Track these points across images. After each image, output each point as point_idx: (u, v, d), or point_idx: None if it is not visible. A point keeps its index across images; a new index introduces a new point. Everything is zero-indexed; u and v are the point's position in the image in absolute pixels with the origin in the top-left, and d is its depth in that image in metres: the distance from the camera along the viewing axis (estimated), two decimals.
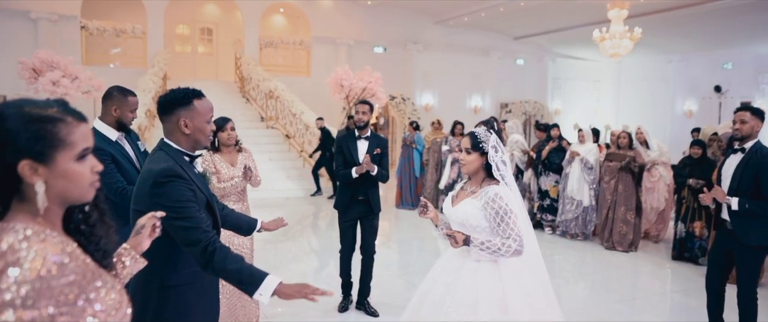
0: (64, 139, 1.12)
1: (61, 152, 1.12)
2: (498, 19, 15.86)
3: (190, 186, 1.94)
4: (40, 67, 8.95)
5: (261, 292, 1.85)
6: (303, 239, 7.96)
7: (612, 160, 7.11)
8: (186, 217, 1.87)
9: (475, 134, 2.65)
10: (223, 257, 1.87)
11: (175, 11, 15.25)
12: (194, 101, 2.02)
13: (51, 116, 1.11)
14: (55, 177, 1.12)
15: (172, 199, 1.88)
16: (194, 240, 1.86)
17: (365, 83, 11.57)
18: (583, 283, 6.00)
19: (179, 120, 2.00)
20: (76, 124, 1.15)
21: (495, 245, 2.49)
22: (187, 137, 2.03)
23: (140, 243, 1.60)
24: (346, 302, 4.69)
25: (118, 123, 3.01)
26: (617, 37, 10.28)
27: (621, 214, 6.97)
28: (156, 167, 1.93)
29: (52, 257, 1.03)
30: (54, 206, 1.16)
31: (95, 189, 1.21)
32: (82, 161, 1.16)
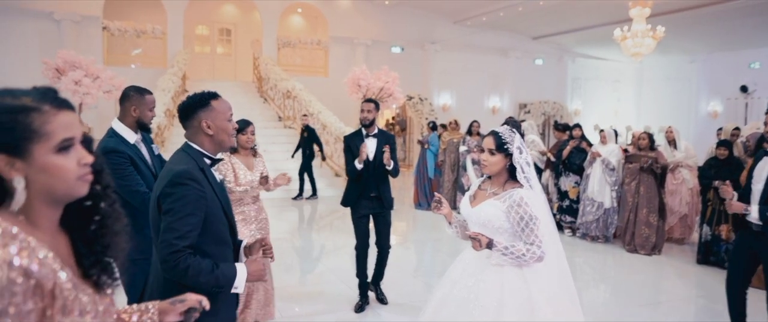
0: (37, 130, 1.02)
1: (36, 144, 1.02)
2: (517, 19, 15.71)
3: (203, 192, 1.93)
4: (63, 67, 9.08)
5: (236, 285, 1.97)
6: (318, 238, 7.95)
7: (633, 161, 6.97)
8: (177, 222, 1.86)
9: (499, 135, 2.57)
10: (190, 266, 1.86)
11: (194, 12, 15.38)
12: (212, 102, 2.05)
13: (22, 106, 1.02)
14: (34, 172, 1.03)
15: (177, 202, 1.87)
16: (168, 244, 1.85)
17: (383, 83, 11.52)
18: (604, 286, 5.88)
19: (201, 122, 2.02)
20: (54, 112, 1.05)
21: (519, 250, 2.43)
22: (211, 138, 2.05)
23: (168, 313, 1.43)
24: (362, 303, 4.66)
25: (138, 123, 2.98)
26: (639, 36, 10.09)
27: (643, 216, 6.82)
28: (177, 167, 1.94)
29: (16, 262, 0.94)
30: (38, 204, 1.06)
31: (86, 183, 1.10)
32: (64, 153, 1.05)
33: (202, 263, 1.88)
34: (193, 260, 1.87)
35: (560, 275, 2.64)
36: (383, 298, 4.80)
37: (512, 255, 2.42)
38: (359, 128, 4.64)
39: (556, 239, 2.72)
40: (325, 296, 5.04)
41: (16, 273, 0.93)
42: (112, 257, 1.18)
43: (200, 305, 1.45)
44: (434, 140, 9.94)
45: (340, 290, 5.15)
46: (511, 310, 2.40)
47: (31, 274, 0.96)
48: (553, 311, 2.42)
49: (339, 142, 11.48)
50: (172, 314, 1.41)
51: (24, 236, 0.99)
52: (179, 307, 1.42)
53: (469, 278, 2.55)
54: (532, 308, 2.41)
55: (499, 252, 2.43)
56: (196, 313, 1.44)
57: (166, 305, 1.42)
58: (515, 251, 2.42)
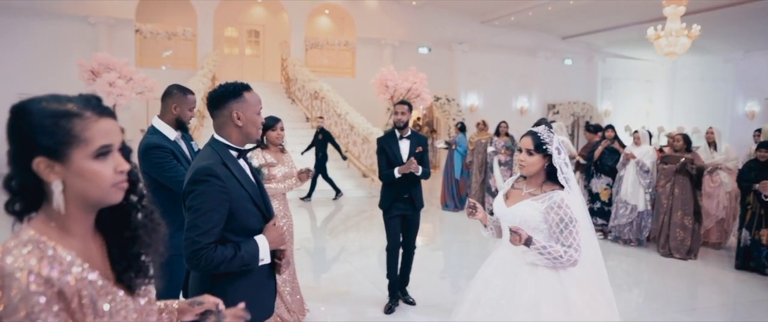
0: (78, 135, 1.04)
1: (75, 149, 1.04)
2: (546, 19, 15.50)
3: (226, 187, 1.92)
4: (97, 69, 9.30)
5: (262, 257, 1.98)
6: (346, 238, 7.95)
7: (667, 162, 6.80)
8: (199, 219, 1.87)
9: (538, 135, 2.52)
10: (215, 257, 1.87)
11: (223, 14, 15.59)
12: (244, 93, 2.04)
13: (66, 111, 1.04)
14: (72, 176, 1.05)
15: (198, 199, 1.88)
16: (192, 241, 1.86)
17: (410, 84, 11.50)
18: (638, 291, 5.75)
19: (232, 112, 2.01)
20: (95, 119, 1.07)
21: (557, 251, 2.39)
22: (239, 130, 2.03)
23: (186, 313, 1.47)
24: (392, 303, 4.64)
25: (177, 121, 3.02)
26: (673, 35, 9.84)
27: (678, 219, 6.65)
28: (199, 163, 1.95)
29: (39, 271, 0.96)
30: (74, 209, 1.07)
31: (121, 191, 1.12)
32: (102, 160, 1.07)
33: (225, 252, 1.89)
34: (216, 253, 1.87)
35: (598, 277, 2.60)
36: (411, 300, 4.78)
37: (549, 255, 2.39)
38: (392, 130, 4.65)
39: (594, 241, 2.68)
40: (352, 297, 5.04)
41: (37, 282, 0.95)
42: (147, 261, 1.19)
43: (216, 308, 1.48)
44: (462, 141, 9.87)
45: (368, 290, 5.14)
46: (547, 310, 2.37)
47: (52, 282, 0.97)
48: (590, 312, 2.38)
49: (366, 142, 11.49)
50: (189, 315, 1.46)
51: (51, 244, 1.01)
52: (196, 309, 1.46)
53: (503, 278, 2.52)
54: (569, 309, 2.37)
55: (536, 250, 2.40)
56: (212, 316, 1.48)
57: (185, 305, 1.46)
58: (553, 251, 2.39)
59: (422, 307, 4.72)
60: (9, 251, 0.97)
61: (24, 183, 1.04)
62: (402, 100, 4.77)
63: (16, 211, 1.05)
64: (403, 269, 4.76)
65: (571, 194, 2.50)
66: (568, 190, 2.50)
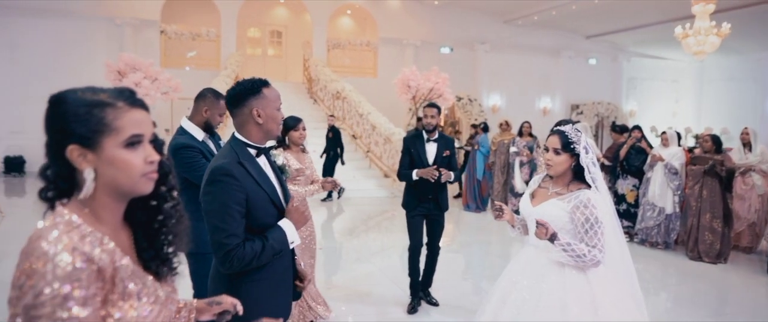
0: (109, 124, 1.07)
1: (106, 138, 1.07)
2: (570, 18, 15.30)
3: (242, 186, 1.91)
4: (124, 70, 9.45)
5: (291, 240, 1.99)
6: (368, 238, 7.94)
7: (696, 164, 6.65)
8: (222, 222, 1.86)
9: (566, 133, 2.49)
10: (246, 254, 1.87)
11: (246, 14, 15.72)
12: (263, 89, 2.02)
13: (99, 101, 1.08)
14: (103, 164, 1.08)
15: (218, 201, 1.87)
16: (220, 244, 1.86)
17: (432, 84, 11.45)
18: (666, 294, 5.62)
19: (251, 110, 1.99)
20: (127, 109, 1.10)
21: (581, 250, 2.36)
22: (260, 127, 2.01)
23: (204, 313, 1.49)
24: (414, 303, 4.60)
25: (205, 124, 3.05)
26: (702, 34, 9.61)
27: (706, 221, 6.48)
28: (214, 162, 1.94)
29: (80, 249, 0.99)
30: (105, 197, 1.11)
31: (151, 181, 1.14)
32: (132, 149, 1.10)
33: (254, 246, 1.89)
34: (245, 251, 1.87)
35: (626, 277, 2.55)
36: (434, 301, 4.74)
37: (573, 253, 2.36)
38: (420, 130, 4.62)
39: (622, 242, 2.63)
40: (374, 297, 5.02)
41: (80, 259, 0.98)
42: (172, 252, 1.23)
43: (234, 309, 1.50)
44: (485, 141, 9.79)
45: (390, 290, 5.12)
46: (575, 311, 2.33)
47: (93, 260, 1.00)
48: (618, 313, 2.35)
49: (388, 143, 11.47)
50: (207, 314, 1.47)
51: (86, 227, 1.05)
52: (214, 308, 1.48)
53: (530, 279, 2.49)
54: (597, 309, 2.33)
55: (560, 247, 2.36)
56: (228, 316, 1.50)
57: (203, 304, 1.48)
58: (577, 249, 2.36)
59: (445, 308, 4.68)
60: (50, 230, 1.00)
61: (58, 172, 1.07)
62: (431, 102, 4.73)
63: (49, 198, 1.08)
64: (427, 270, 4.73)
65: (598, 193, 2.46)
66: (595, 190, 2.46)
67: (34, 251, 0.97)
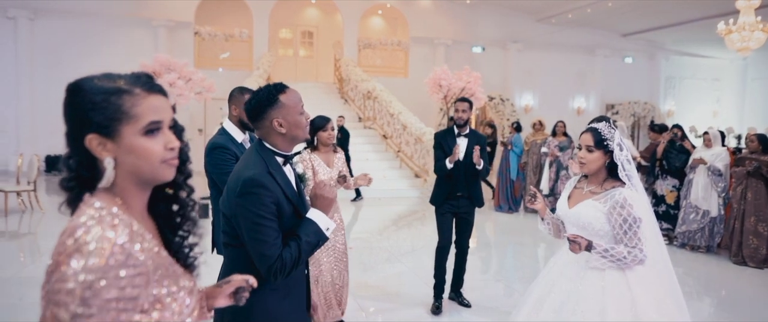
0: (127, 111, 1.04)
1: (125, 126, 1.04)
2: (605, 15, 14.95)
3: (275, 197, 1.86)
4: (159, 70, 9.60)
5: (326, 227, 1.91)
6: (398, 238, 7.89)
7: (740, 165, 6.38)
8: (260, 234, 1.81)
9: (598, 130, 2.44)
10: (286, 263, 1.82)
11: (278, 15, 15.87)
12: (280, 97, 1.92)
13: (116, 88, 1.05)
14: (123, 153, 1.05)
15: (253, 213, 1.81)
16: (262, 256, 1.80)
17: (464, 83, 11.32)
18: (709, 300, 5.40)
19: (272, 121, 1.91)
20: (144, 95, 1.07)
21: (620, 253, 2.29)
22: (284, 137, 1.94)
23: (216, 297, 1.42)
24: (438, 303, 4.52)
25: (240, 122, 3.05)
26: (747, 30, 9.25)
27: (751, 225, 6.21)
28: (245, 173, 1.86)
29: (119, 240, 0.96)
30: (130, 186, 1.08)
31: (172, 168, 1.11)
32: (151, 136, 1.07)
33: (292, 252, 1.83)
34: (285, 259, 1.82)
35: (667, 278, 2.46)
36: (466, 302, 4.66)
37: (613, 258, 2.30)
38: (451, 126, 4.60)
39: (661, 242, 2.55)
40: (404, 297, 4.97)
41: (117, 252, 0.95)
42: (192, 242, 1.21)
43: (248, 284, 1.44)
44: (518, 141, 9.62)
45: (421, 290, 5.05)
46: (613, 316, 2.25)
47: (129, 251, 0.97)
48: (658, 317, 2.26)
49: (419, 142, 11.40)
50: (221, 298, 1.42)
51: (126, 217, 1.03)
52: (226, 288, 1.42)
53: (568, 282, 2.41)
54: (637, 314, 2.25)
55: (598, 255, 2.30)
56: (245, 293, 1.44)
57: (212, 288, 1.43)
58: (616, 253, 2.29)
59: (476, 309, 4.60)
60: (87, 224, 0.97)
61: (81, 161, 1.06)
62: (463, 97, 4.69)
63: (71, 188, 1.06)
64: (457, 270, 4.67)
65: (634, 191, 2.39)
66: (630, 186, 2.39)
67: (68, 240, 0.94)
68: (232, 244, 1.92)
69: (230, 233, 1.91)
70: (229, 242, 1.94)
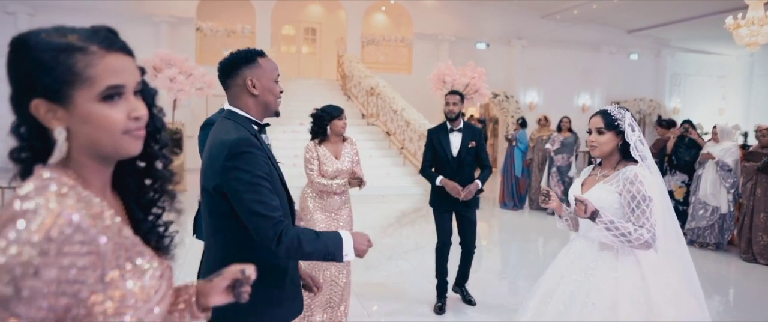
0: (80, 72, 0.87)
1: (78, 90, 0.87)
2: (611, 11, 14.80)
3: (266, 160, 1.73)
4: (159, 66, 9.52)
5: (346, 252, 1.71)
6: (401, 236, 7.80)
7: (751, 160, 6.25)
8: (260, 194, 1.65)
9: (608, 111, 2.37)
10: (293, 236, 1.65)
11: (281, 12, 15.76)
12: (258, 59, 1.84)
13: (67, 44, 0.87)
14: (77, 122, 0.89)
15: (248, 173, 1.65)
16: (265, 219, 1.63)
17: (468, 79, 11.20)
18: (719, 297, 5.29)
19: (245, 80, 1.81)
20: (102, 54, 0.89)
21: (625, 228, 2.16)
22: (256, 99, 1.82)
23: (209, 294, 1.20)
24: (441, 303, 4.40)
25: None
26: (756, 24, 9.09)
27: (761, 222, 6.09)
28: (228, 136, 1.72)
29: (67, 215, 0.81)
30: (87, 160, 0.92)
31: (138, 140, 0.95)
32: (110, 102, 0.90)
33: (300, 229, 1.68)
34: (294, 228, 1.66)
35: (683, 265, 2.38)
36: (470, 299, 4.55)
37: (616, 231, 2.17)
38: (443, 122, 4.41)
39: (679, 232, 2.46)
40: (407, 295, 4.87)
41: (67, 225, 0.81)
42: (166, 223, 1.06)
43: (244, 275, 1.21)
44: (523, 137, 9.50)
45: (424, 288, 4.95)
46: (626, 310, 2.14)
47: (82, 227, 0.83)
48: (675, 311, 2.15)
49: (423, 139, 11.27)
50: (216, 294, 1.20)
51: (81, 189, 0.89)
52: (220, 282, 1.20)
53: (579, 273, 2.31)
54: (651, 308, 2.15)
55: (603, 225, 2.18)
56: (245, 287, 1.21)
57: (204, 284, 1.21)
58: (621, 227, 2.17)
59: (480, 307, 4.50)
60: (29, 195, 0.83)
61: (32, 129, 0.90)
62: (453, 90, 4.50)
63: (21, 159, 0.91)
64: (462, 266, 4.54)
65: (647, 170, 2.29)
66: (643, 166, 2.30)
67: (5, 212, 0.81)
68: (221, 226, 1.75)
69: (217, 211, 1.74)
70: (217, 225, 1.77)
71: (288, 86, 14.66)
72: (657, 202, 2.25)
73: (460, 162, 4.26)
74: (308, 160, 3.71)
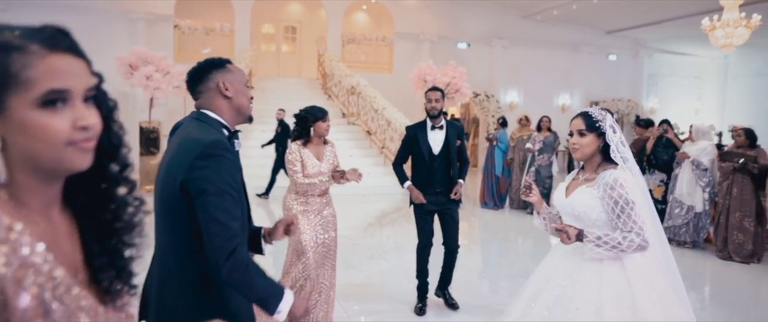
0: (15, 74, 0.75)
1: (13, 94, 0.76)
2: (590, 12, 14.95)
3: (237, 166, 1.67)
4: (135, 63, 9.35)
5: (281, 309, 1.61)
6: (382, 235, 7.76)
7: (726, 160, 6.34)
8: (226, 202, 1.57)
9: (589, 113, 2.34)
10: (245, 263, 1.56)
11: (261, 10, 15.61)
12: (228, 65, 1.82)
13: (3, 42, 0.76)
14: (12, 131, 0.77)
15: (220, 177, 1.57)
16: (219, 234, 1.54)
17: (449, 78, 11.21)
18: (695, 294, 5.34)
19: (218, 83, 1.76)
20: (43, 54, 0.77)
21: (614, 239, 2.15)
22: (230, 102, 1.78)
23: None
24: (422, 304, 4.35)
25: None
26: (731, 26, 9.25)
27: (736, 220, 6.17)
28: (204, 136, 1.64)
29: None
30: (23, 176, 0.80)
31: (85, 153, 0.81)
32: (51, 110, 0.78)
33: (256, 265, 1.59)
34: (245, 252, 1.57)
35: (666, 264, 2.35)
36: (454, 303, 4.44)
37: (607, 245, 2.15)
38: (423, 119, 4.32)
39: (661, 232, 2.43)
40: (388, 295, 4.83)
41: None
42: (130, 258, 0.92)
43: None
44: (503, 137, 9.52)
45: (405, 289, 4.91)
46: (610, 315, 2.13)
47: None
48: (660, 315, 2.14)
49: None
50: None
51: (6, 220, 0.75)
52: None
53: (564, 277, 2.28)
54: (636, 312, 2.13)
55: (592, 244, 2.16)
56: None
57: None
58: (610, 240, 2.15)
59: (462, 307, 4.46)
60: None
61: None
62: (434, 87, 4.39)
63: None
64: (445, 268, 4.45)
65: (628, 173, 2.27)
66: (624, 168, 2.28)
67: None
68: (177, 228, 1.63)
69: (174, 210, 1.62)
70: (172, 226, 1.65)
71: (268, 85, 14.52)
72: (640, 202, 2.23)
73: (441, 160, 4.19)
74: (291, 161, 3.65)
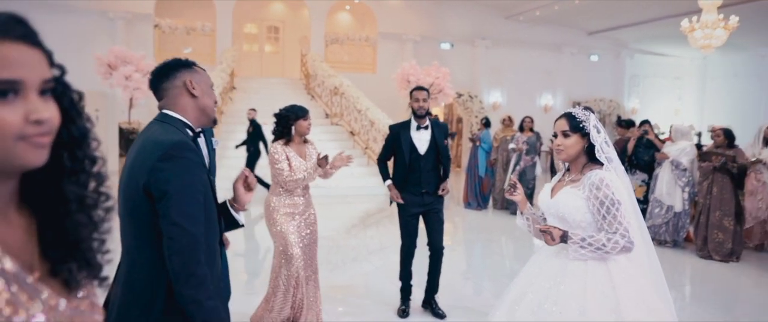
0: None
1: None
2: (572, 13, 15.06)
3: (203, 169, 1.63)
4: (114, 63, 9.21)
5: None
6: (365, 236, 7.72)
7: (705, 159, 6.40)
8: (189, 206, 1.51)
9: (573, 114, 2.33)
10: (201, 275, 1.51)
11: (243, 10, 15.48)
12: (195, 66, 1.80)
13: None
14: None
15: (182, 179, 1.52)
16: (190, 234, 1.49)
17: (433, 78, 11.22)
18: (675, 293, 5.38)
19: (185, 81, 1.73)
20: None
21: (598, 241, 2.14)
22: (195, 101, 1.74)
23: None
24: (405, 307, 4.30)
25: None
26: (709, 27, 9.37)
27: (716, 219, 6.24)
28: (166, 137, 1.59)
29: None
30: None
31: (39, 149, 0.76)
32: (1, 102, 0.72)
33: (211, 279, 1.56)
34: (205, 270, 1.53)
35: (650, 266, 2.34)
36: (441, 312, 4.30)
37: (591, 247, 2.14)
38: (408, 119, 4.26)
39: (645, 230, 2.42)
40: (372, 297, 4.81)
41: None
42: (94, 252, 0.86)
43: None
44: (487, 137, 9.53)
45: (389, 290, 4.87)
46: (594, 317, 2.12)
47: None
48: (644, 318, 2.13)
49: None
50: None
51: None
52: None
53: (548, 280, 2.26)
54: (619, 316, 2.12)
55: (576, 245, 2.15)
56: None
57: None
58: (594, 242, 2.14)
59: (445, 308, 4.41)
60: None
61: None
62: (420, 86, 4.35)
63: None
64: (431, 274, 4.32)
65: (613, 173, 2.26)
66: (609, 169, 2.26)
67: None
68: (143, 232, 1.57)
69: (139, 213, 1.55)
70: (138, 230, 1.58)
71: (250, 86, 14.41)
72: (625, 202, 2.23)
73: (427, 160, 4.13)
74: (277, 160, 3.59)
